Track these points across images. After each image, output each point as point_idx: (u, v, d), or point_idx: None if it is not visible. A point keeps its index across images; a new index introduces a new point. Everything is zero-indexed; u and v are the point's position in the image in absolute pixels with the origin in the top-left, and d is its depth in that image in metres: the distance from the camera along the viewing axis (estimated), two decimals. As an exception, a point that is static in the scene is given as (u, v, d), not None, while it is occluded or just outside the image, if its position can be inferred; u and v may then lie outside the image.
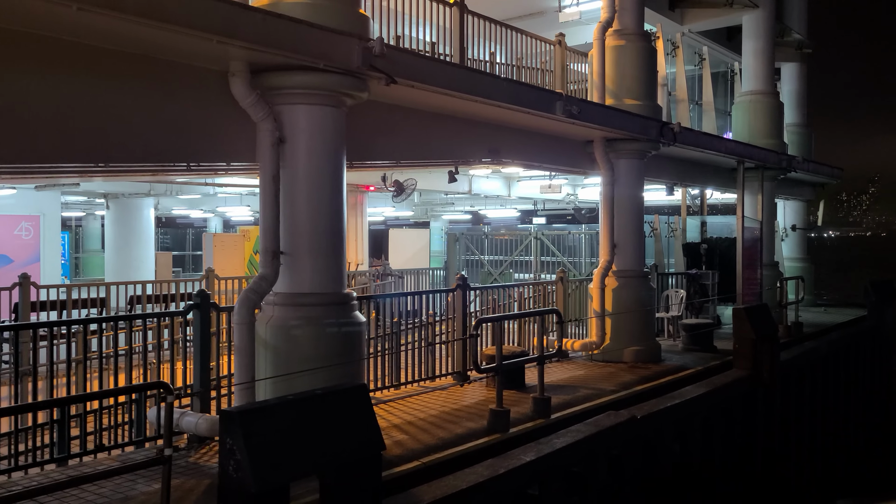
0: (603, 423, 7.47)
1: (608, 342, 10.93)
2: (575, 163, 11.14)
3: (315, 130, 6.53)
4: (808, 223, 20.14)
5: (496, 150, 9.51)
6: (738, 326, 10.67)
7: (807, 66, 20.08)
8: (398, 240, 15.98)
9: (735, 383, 10.09)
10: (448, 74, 7.38)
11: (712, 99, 16.12)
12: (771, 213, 15.41)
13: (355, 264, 14.40)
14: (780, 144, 15.53)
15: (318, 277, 6.55)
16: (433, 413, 7.78)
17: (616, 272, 11.09)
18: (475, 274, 17.03)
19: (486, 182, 17.31)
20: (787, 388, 11.69)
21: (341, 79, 6.42)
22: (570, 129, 10.30)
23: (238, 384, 6.14)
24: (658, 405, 8.38)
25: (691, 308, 13.83)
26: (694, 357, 11.51)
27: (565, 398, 8.55)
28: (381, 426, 7.21)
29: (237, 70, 6.10)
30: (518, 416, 7.66)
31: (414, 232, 18.93)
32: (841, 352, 14.15)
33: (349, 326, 6.62)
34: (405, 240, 16.40)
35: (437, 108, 8.45)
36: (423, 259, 16.34)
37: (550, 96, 8.91)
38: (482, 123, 9.32)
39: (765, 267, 15.03)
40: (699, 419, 9.15)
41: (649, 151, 11.23)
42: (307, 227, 6.53)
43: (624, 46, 10.95)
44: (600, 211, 11.27)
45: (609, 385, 9.33)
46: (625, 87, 10.96)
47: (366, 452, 4.89)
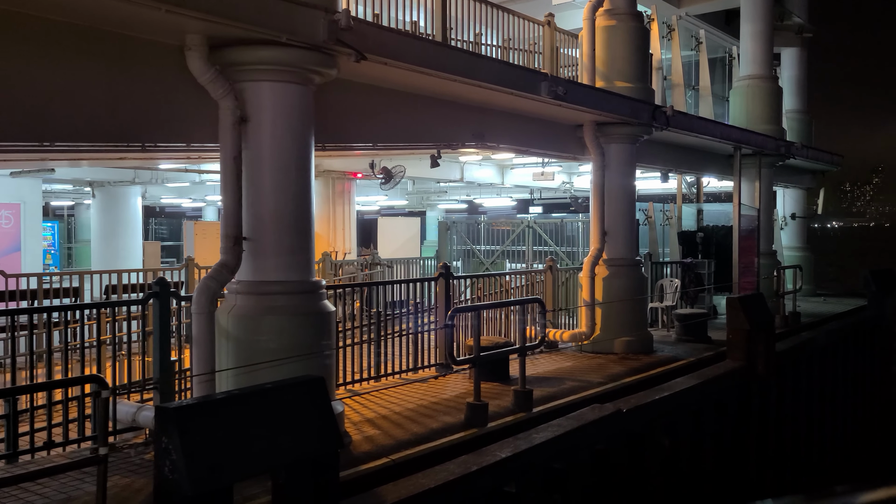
0: (586, 417, 7.15)
1: (598, 332, 10.60)
2: (564, 148, 10.78)
3: (280, 109, 6.18)
4: (808, 212, 19.76)
5: (480, 134, 9.15)
6: (731, 316, 10.33)
7: (807, 52, 19.65)
8: (387, 228, 15.63)
9: (728, 375, 9.76)
10: (423, 51, 7.02)
11: (709, 84, 15.71)
12: (769, 201, 15.04)
13: (343, 253, 14.08)
14: (778, 130, 15.14)
15: (284, 264, 6.22)
16: (410, 406, 7.47)
17: (606, 260, 10.75)
18: (469, 263, 16.70)
19: (479, 170, 16.94)
20: (783, 380, 11.36)
21: (307, 54, 6.07)
22: (559, 113, 9.93)
23: (196, 376, 5.82)
24: (646, 398, 8.07)
25: (686, 298, 13.49)
26: (687, 348, 11.18)
27: (550, 391, 8.23)
28: (354, 420, 6.92)
29: (193, 44, 5.75)
30: (498, 410, 7.34)
31: (404, 220, 18.58)
32: (839, 342, 13.81)
33: (317, 316, 6.29)
34: (395, 228, 16.05)
35: (418, 88, 8.10)
36: (413, 248, 15.99)
37: (535, 76, 8.55)
38: (466, 106, 8.96)
39: (762, 256, 14.68)
40: (689, 412, 8.84)
41: (641, 136, 10.87)
42: (272, 211, 6.18)
43: (615, 27, 10.57)
44: (591, 198, 10.92)
45: (597, 377, 9.00)
46: (616, 69, 10.58)
47: (322, 450, 4.57)
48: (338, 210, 14.03)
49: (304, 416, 4.55)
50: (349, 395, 7.93)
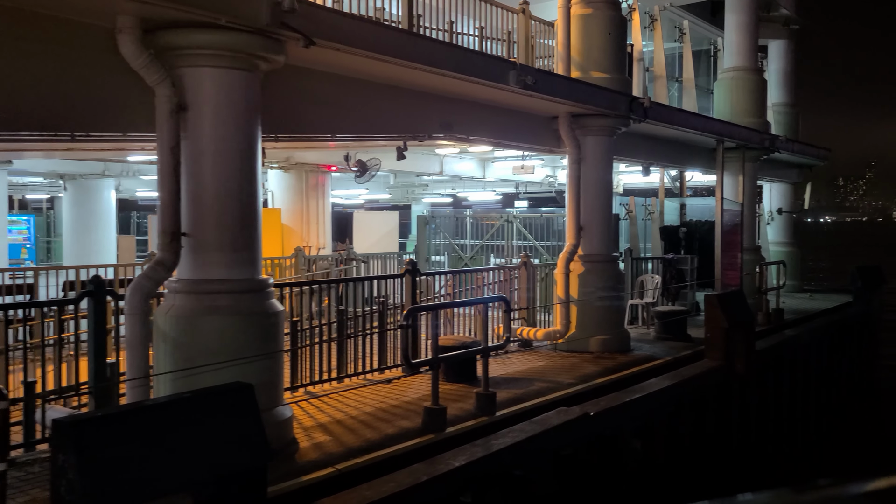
0: (550, 422, 6.85)
1: (573, 331, 10.28)
2: (539, 140, 10.43)
3: (223, 97, 5.82)
4: (795, 206, 19.48)
5: (448, 125, 8.80)
6: (709, 314, 10.06)
7: (794, 44, 19.34)
8: (363, 223, 15.27)
9: (705, 375, 9.48)
10: (379, 37, 6.66)
11: (693, 76, 15.38)
12: (753, 196, 14.74)
13: (317, 248, 13.72)
14: (762, 123, 14.83)
15: (228, 262, 5.86)
16: (368, 410, 7.13)
17: (582, 256, 10.42)
18: (450, 258, 16.34)
19: (460, 163, 16.60)
20: (763, 379, 11.10)
21: (250, 38, 5.70)
22: (532, 104, 9.59)
23: (129, 381, 5.47)
24: (616, 400, 7.77)
25: (668, 294, 13.18)
26: (665, 346, 10.87)
27: (517, 392, 7.91)
28: (306, 425, 6.58)
29: (125, 26, 5.38)
30: (460, 414, 7.02)
31: (381, 215, 18.20)
32: (824, 340, 13.57)
33: (263, 316, 5.95)
34: (371, 223, 15.69)
35: (380, 77, 7.74)
36: (391, 243, 15.64)
37: (503, 65, 8.20)
38: (433, 96, 8.61)
39: (746, 251, 14.37)
40: (663, 414, 8.54)
41: (619, 128, 10.53)
42: (214, 205, 5.82)
43: (591, 15, 10.22)
44: (567, 191, 10.59)
45: (568, 378, 8.69)
46: (592, 60, 10.23)
47: (249, 463, 4.24)
48: (311, 204, 13.66)
49: (229, 427, 4.22)
50: (307, 398, 7.59)
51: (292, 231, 13.55)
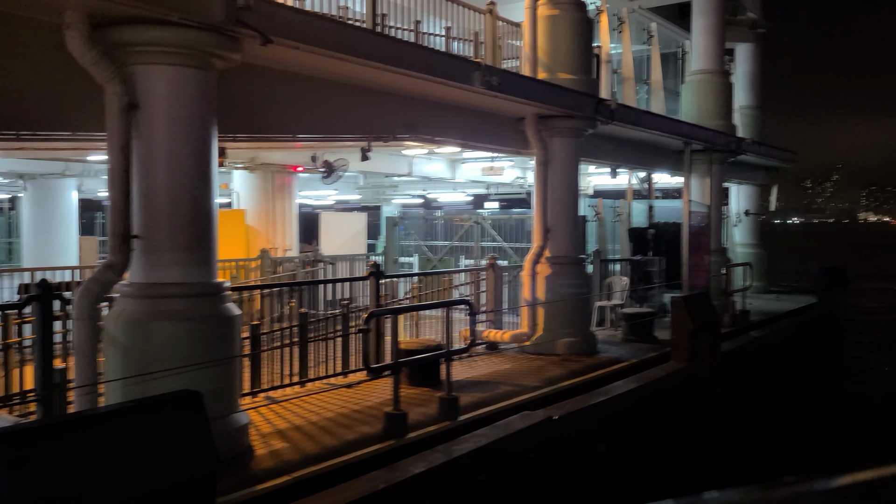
0: (513, 426, 6.77)
1: (540, 333, 10.25)
2: (506, 141, 10.38)
3: (176, 95, 5.66)
4: (761, 208, 19.69)
5: (413, 126, 8.70)
6: (675, 316, 10.07)
7: (760, 47, 19.55)
8: (331, 224, 15.10)
9: (670, 377, 9.49)
10: (338, 36, 6.54)
11: (661, 78, 15.44)
12: (719, 198, 14.84)
13: (283, 250, 13.53)
14: (729, 126, 14.94)
15: (182, 265, 5.70)
16: (329, 415, 7.01)
17: (549, 258, 10.39)
18: (419, 260, 16.23)
19: (429, 164, 16.50)
20: (729, 380, 11.14)
21: (204, 35, 5.55)
22: (499, 105, 9.53)
23: (77, 388, 5.29)
24: (581, 403, 7.73)
25: (635, 296, 13.21)
26: (632, 349, 10.88)
27: (481, 396, 7.83)
28: (264, 432, 6.44)
29: (73, 21, 5.20)
30: (422, 419, 6.92)
31: (349, 216, 18.04)
32: (788, 341, 13.70)
33: (218, 321, 5.79)
34: (339, 224, 15.52)
35: (342, 77, 7.62)
36: (359, 244, 15.50)
37: (467, 65, 8.12)
38: (398, 96, 8.50)
39: (713, 253, 14.47)
40: (628, 416, 8.51)
41: (586, 130, 10.52)
42: (167, 206, 5.66)
43: (557, 16, 10.19)
44: (534, 193, 10.55)
45: (533, 381, 8.63)
46: (558, 61, 10.20)
47: (195, 474, 4.10)
48: (277, 205, 13.47)
49: (174, 436, 4.08)
50: (267, 404, 7.44)
51: (257, 232, 13.35)
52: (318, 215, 15.49)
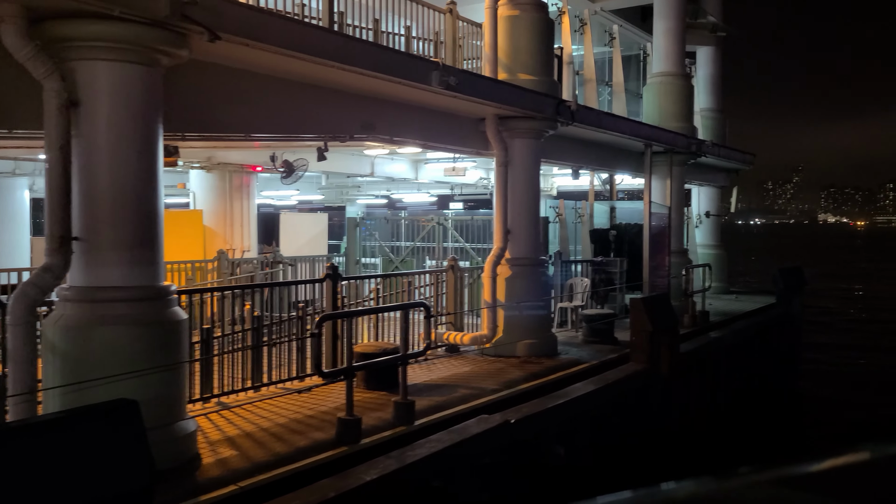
0: (469, 431, 6.70)
1: (500, 335, 10.19)
2: (467, 142, 10.30)
3: (119, 92, 5.46)
4: (721, 210, 19.94)
5: (371, 126, 8.58)
6: (634, 318, 10.09)
7: (721, 50, 19.79)
8: (291, 225, 14.88)
9: (629, 378, 9.50)
10: (291, 33, 6.39)
11: (622, 80, 15.53)
12: (680, 199, 14.96)
13: (241, 251, 13.29)
14: (689, 128, 15.08)
15: (125, 268, 5.51)
16: (281, 421, 6.85)
17: (510, 260, 10.34)
18: (382, 261, 16.06)
19: (392, 164, 16.36)
20: (687, 380, 11.23)
21: (148, 31, 5.37)
22: (458, 105, 9.45)
23: (12, 397, 5.07)
24: (538, 406, 7.68)
25: (597, 297, 13.24)
26: (592, 350, 10.88)
27: (439, 400, 7.74)
28: (213, 439, 6.26)
29: (7, 14, 4.99)
30: (377, 424, 6.80)
31: (310, 216, 17.82)
32: (746, 341, 13.85)
33: (163, 325, 5.61)
34: (299, 225, 15.30)
35: (297, 75, 7.47)
36: (320, 245, 15.30)
37: (425, 65, 8.02)
38: (355, 95, 8.37)
39: (674, 254, 14.58)
40: (587, 418, 8.50)
41: (546, 131, 10.49)
42: (110, 207, 5.47)
43: (518, 17, 10.14)
44: (494, 194, 10.49)
45: (492, 383, 8.56)
46: (519, 62, 10.16)
47: (129, 487, 3.93)
48: (235, 205, 13.23)
49: (108, 447, 3.91)
50: (218, 409, 7.25)
51: (215, 233, 13.09)
52: (278, 216, 15.24)
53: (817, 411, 17.02)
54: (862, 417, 16.50)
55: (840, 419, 16.52)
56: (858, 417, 16.54)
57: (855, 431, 14.50)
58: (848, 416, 16.78)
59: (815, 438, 14.13)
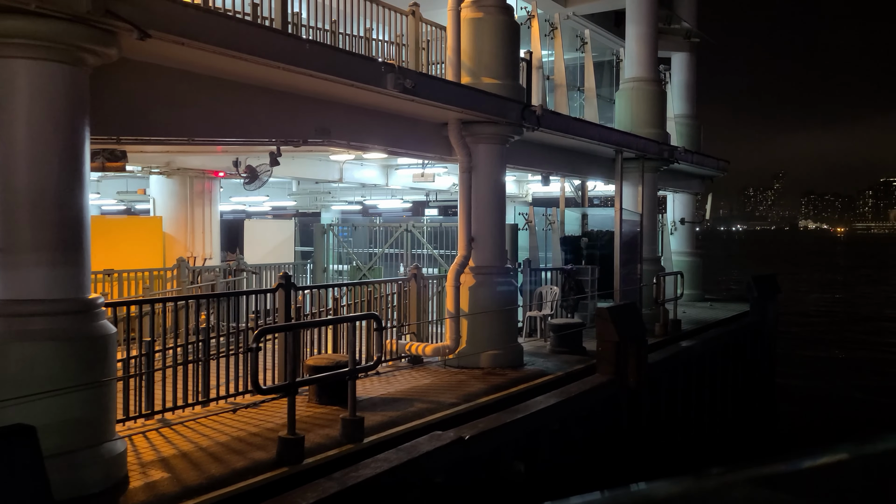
0: (420, 449, 6.39)
1: (464, 346, 9.91)
2: (430, 147, 10.03)
3: (39, 92, 5.13)
4: (697, 217, 19.81)
5: (326, 130, 8.28)
6: (601, 328, 9.85)
7: (696, 57, 19.70)
8: (255, 232, 14.52)
9: (594, 390, 9.25)
10: (230, 31, 6.08)
11: (595, 86, 15.34)
12: (653, 206, 14.77)
13: (203, 259, 12.92)
14: (662, 134, 14.90)
15: (46, 280, 5.16)
16: (223, 440, 6.51)
17: (474, 268, 10.07)
18: (350, 268, 15.72)
19: (361, 170, 16.06)
20: (656, 391, 10.99)
21: (70, 27, 5.05)
22: (420, 109, 9.18)
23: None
24: (496, 421, 7.39)
25: (566, 306, 12.99)
26: (559, 361, 10.62)
27: (393, 415, 7.43)
28: (146, 460, 5.91)
29: (-89, 8, 4.66)
30: (324, 442, 6.49)
31: (275, 223, 17.46)
32: (718, 350, 13.65)
33: (87, 341, 5.27)
34: (264, 232, 14.95)
35: (247, 77, 7.16)
36: (286, 253, 14.96)
37: (379, 67, 7.74)
38: (309, 98, 8.08)
39: (646, 262, 14.38)
40: (548, 433, 8.23)
41: (511, 136, 10.24)
42: (29, 213, 5.12)
43: (482, 19, 9.89)
44: (458, 201, 10.22)
45: (451, 397, 8.27)
46: (483, 65, 9.90)
47: (23, 522, 3.60)
48: (197, 211, 12.87)
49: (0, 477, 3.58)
50: (159, 427, 6.90)
51: (175, 240, 12.72)
52: (242, 222, 14.88)
53: (792, 419, 16.88)
54: (838, 423, 16.40)
55: (815, 424, 16.40)
56: (834, 423, 16.44)
57: (830, 437, 14.36)
58: (823, 422, 16.67)
59: (791, 447, 13.96)
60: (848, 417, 17.20)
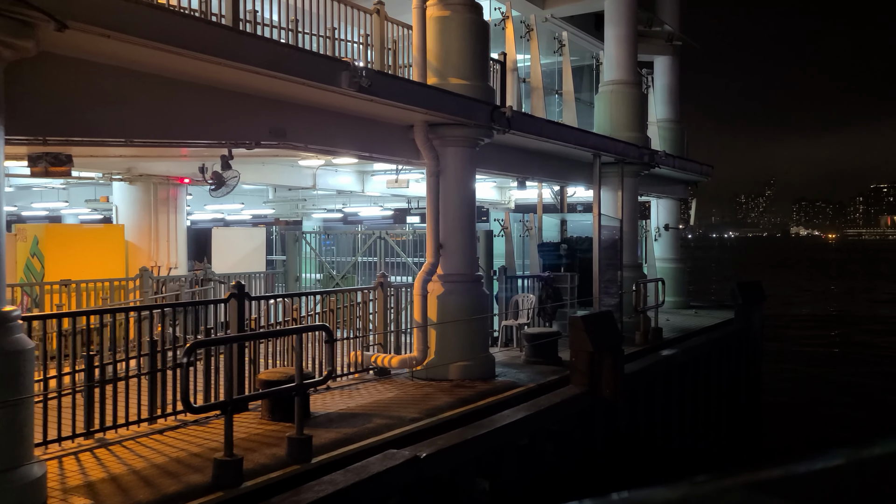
0: (370, 469, 5.98)
1: (432, 357, 9.50)
2: (395, 151, 9.65)
3: (-57, 88, 4.74)
4: (681, 222, 19.48)
5: (281, 132, 7.89)
6: (574, 337, 9.47)
7: (678, 60, 19.41)
8: (224, 240, 14.08)
9: (566, 403, 8.85)
10: (160, 23, 5.69)
11: (573, 89, 15.00)
12: (633, 211, 14.42)
13: (167, 268, 12.48)
14: (642, 138, 14.56)
15: (-48, 290, 4.76)
16: (160, 461, 6.08)
17: (442, 276, 9.68)
18: (323, 277, 15.30)
19: (336, 176, 15.65)
20: (634, 403, 10.60)
21: (-24, 17, 4.66)
22: (383, 111, 8.81)
23: None
24: (457, 438, 6.99)
25: (544, 314, 12.59)
26: (533, 372, 10.22)
27: (347, 432, 7.01)
28: (70, 485, 5.47)
29: None
30: (268, 463, 6.06)
31: (245, 231, 17.01)
32: (701, 358, 13.28)
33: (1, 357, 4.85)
34: (233, 240, 14.53)
35: (189, 74, 6.77)
36: (257, 261, 14.54)
37: (333, 65, 7.35)
38: (261, 98, 7.69)
39: (626, 269, 14.02)
40: (514, 449, 7.82)
41: (481, 139, 9.87)
42: (-67, 221, 4.72)
43: (448, 18, 9.54)
44: (426, 206, 9.84)
45: (413, 412, 7.85)
46: (450, 65, 9.54)
47: None
48: (161, 219, 12.43)
49: None
50: (95, 447, 6.47)
51: (139, 249, 12.28)
52: (210, 231, 14.45)
53: (779, 430, 16.51)
54: (829, 434, 16.04)
55: (804, 435, 16.03)
56: (825, 434, 16.08)
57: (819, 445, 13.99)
58: (812, 432, 16.30)
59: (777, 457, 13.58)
60: (839, 426, 16.85)
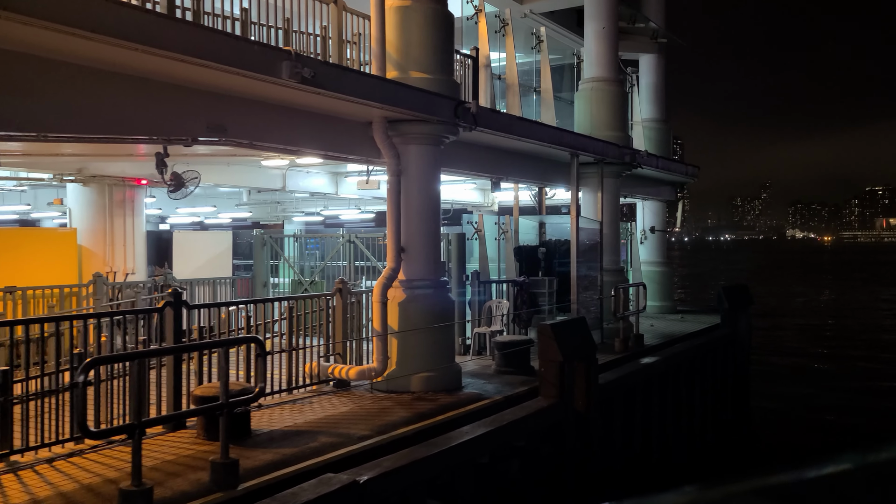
0: (300, 497, 5.41)
1: (393, 368, 8.94)
2: (352, 149, 9.10)
3: None
4: (667, 225, 18.96)
5: (221, 128, 7.33)
6: (542, 346, 8.92)
7: (664, 58, 18.90)
8: (186, 244, 13.51)
9: (533, 416, 8.29)
10: (62, 3, 5.13)
11: (551, 86, 14.47)
12: (614, 213, 13.88)
13: (124, 274, 11.91)
14: (623, 137, 14.04)
15: None
16: (69, 489, 5.49)
17: (404, 282, 9.13)
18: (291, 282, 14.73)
19: (308, 178, 15.09)
20: (609, 415, 10.05)
21: None
22: (336, 106, 8.26)
23: None
24: (403, 459, 6.43)
25: (519, 321, 12.04)
26: (502, 382, 9.66)
27: (286, 453, 6.44)
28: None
29: None
30: (190, 489, 5.49)
31: (210, 235, 16.43)
32: (684, 366, 12.73)
33: None
34: (196, 244, 13.96)
35: (113, 64, 6.22)
36: (223, 266, 13.97)
37: (271, 53, 6.79)
38: (198, 91, 7.14)
39: (607, 273, 13.48)
40: (472, 468, 7.25)
41: (446, 136, 9.32)
42: None
43: (410, 7, 9.00)
44: (387, 207, 9.29)
45: (364, 428, 7.28)
46: (411, 58, 9.00)
47: None
48: (117, 223, 11.85)
49: None
50: (5, 470, 5.88)
51: (93, 254, 11.70)
52: (171, 234, 13.89)
53: (769, 439, 15.98)
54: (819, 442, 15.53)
55: (794, 444, 15.51)
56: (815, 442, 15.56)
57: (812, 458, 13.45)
58: (802, 441, 15.78)
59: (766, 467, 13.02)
60: (831, 433, 16.33)
